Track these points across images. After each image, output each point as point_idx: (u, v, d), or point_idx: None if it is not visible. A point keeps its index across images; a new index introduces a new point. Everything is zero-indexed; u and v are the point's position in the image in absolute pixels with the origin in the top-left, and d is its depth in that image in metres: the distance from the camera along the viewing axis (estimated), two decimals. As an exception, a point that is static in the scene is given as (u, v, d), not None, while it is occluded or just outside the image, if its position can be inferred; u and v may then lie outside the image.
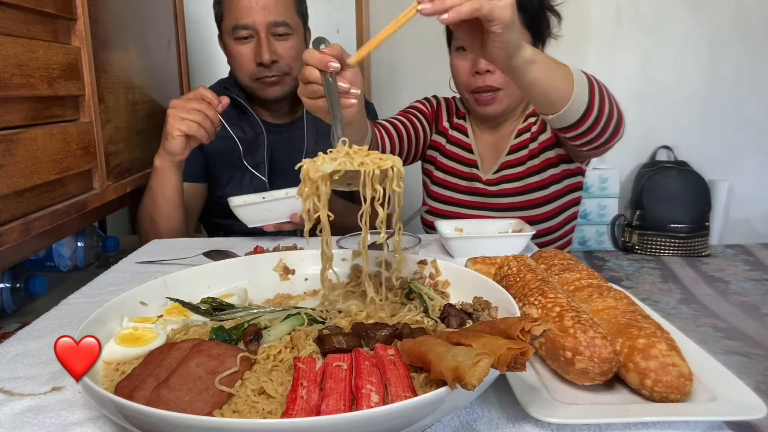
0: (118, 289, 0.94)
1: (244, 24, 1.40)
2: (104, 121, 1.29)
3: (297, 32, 1.46)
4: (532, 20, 1.30)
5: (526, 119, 1.41)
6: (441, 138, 1.50)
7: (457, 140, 1.48)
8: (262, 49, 1.41)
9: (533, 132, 1.39)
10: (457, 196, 1.46)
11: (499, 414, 0.59)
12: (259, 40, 1.41)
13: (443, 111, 1.52)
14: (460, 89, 1.40)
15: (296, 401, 0.51)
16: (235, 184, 1.50)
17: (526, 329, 0.51)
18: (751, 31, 2.83)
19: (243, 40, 1.42)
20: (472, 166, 1.45)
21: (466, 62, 1.33)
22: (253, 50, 1.43)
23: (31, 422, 0.58)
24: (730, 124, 2.95)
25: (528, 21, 1.28)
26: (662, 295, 2.51)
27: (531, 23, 1.29)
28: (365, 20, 2.53)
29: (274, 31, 1.42)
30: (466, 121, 1.49)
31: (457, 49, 1.34)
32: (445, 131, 1.50)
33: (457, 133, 1.49)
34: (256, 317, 0.71)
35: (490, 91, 1.33)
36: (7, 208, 0.94)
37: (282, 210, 1.26)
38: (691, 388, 0.58)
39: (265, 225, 1.28)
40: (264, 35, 1.41)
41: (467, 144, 1.47)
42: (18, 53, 0.96)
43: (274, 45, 1.43)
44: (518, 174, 1.39)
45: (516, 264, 0.81)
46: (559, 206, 1.40)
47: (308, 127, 1.53)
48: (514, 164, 1.40)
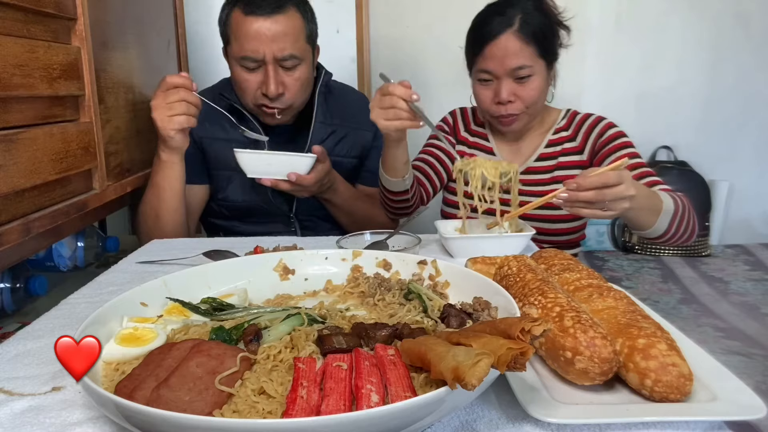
0: (118, 289, 0.94)
1: (252, 57, 1.35)
2: (104, 121, 1.29)
3: (305, 60, 1.42)
4: (545, 48, 1.32)
5: (557, 132, 1.45)
6: (462, 147, 1.53)
7: (478, 145, 1.52)
8: (269, 81, 1.36)
9: (566, 148, 1.43)
10: None
11: (499, 414, 0.59)
12: (266, 71, 1.37)
13: (459, 122, 1.56)
14: (483, 113, 1.45)
15: (296, 401, 0.51)
16: (236, 187, 1.50)
17: (526, 329, 0.51)
18: (751, 31, 2.83)
19: (250, 69, 1.38)
20: None
21: (489, 91, 1.36)
22: (260, 80, 1.39)
23: (31, 422, 0.58)
24: (730, 124, 2.94)
25: (541, 51, 1.31)
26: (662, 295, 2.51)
27: (544, 51, 1.32)
28: (365, 20, 2.53)
29: (283, 63, 1.37)
30: (485, 128, 1.53)
31: (479, 80, 1.37)
32: (464, 140, 1.54)
33: (477, 138, 1.53)
34: (256, 317, 0.71)
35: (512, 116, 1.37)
36: (7, 208, 0.94)
37: (281, 166, 1.32)
38: (691, 388, 0.58)
39: (263, 178, 1.33)
40: (272, 67, 1.36)
41: (488, 147, 1.51)
42: (18, 53, 0.96)
43: (282, 76, 1.38)
44: (544, 180, 1.43)
45: (516, 264, 0.81)
46: None
47: (315, 127, 1.52)
48: (540, 171, 1.44)
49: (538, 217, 1.38)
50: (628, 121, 2.80)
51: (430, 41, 2.60)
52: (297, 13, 1.38)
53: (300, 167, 1.32)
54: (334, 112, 1.55)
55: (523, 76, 1.31)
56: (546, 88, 1.37)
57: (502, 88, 1.32)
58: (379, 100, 1.18)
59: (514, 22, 1.29)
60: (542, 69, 1.33)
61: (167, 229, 1.37)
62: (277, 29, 1.33)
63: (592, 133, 1.39)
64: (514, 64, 1.29)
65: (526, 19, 1.28)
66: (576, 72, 2.76)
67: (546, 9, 1.33)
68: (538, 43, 1.30)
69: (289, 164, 1.31)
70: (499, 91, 1.33)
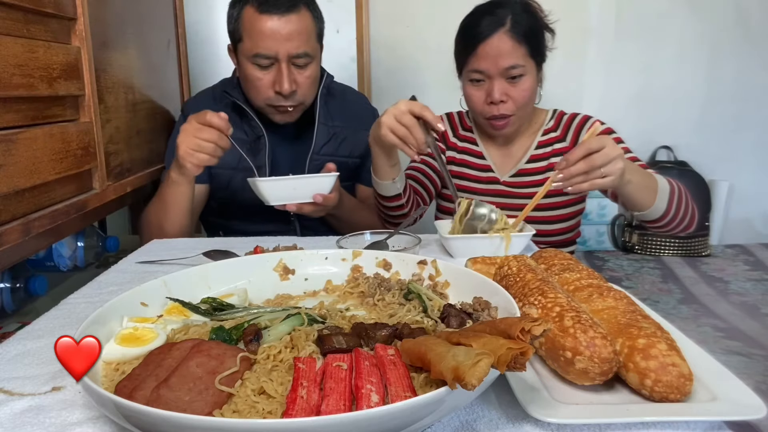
0: (118, 289, 0.94)
1: (267, 54, 1.36)
2: (104, 121, 1.29)
3: (316, 58, 1.44)
4: (535, 49, 1.33)
5: (545, 133, 1.46)
6: (452, 152, 1.53)
7: (467, 149, 1.52)
8: (283, 79, 1.38)
9: (556, 148, 1.44)
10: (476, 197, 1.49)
11: (499, 414, 0.59)
12: (279, 68, 1.38)
13: (447, 128, 1.56)
14: (475, 114, 1.45)
15: (296, 401, 0.51)
16: (237, 186, 1.50)
17: (526, 329, 0.51)
18: (751, 31, 2.82)
19: (263, 67, 1.39)
20: (487, 170, 1.49)
21: (481, 92, 1.37)
22: (273, 78, 1.39)
23: (31, 422, 0.58)
24: (730, 124, 2.94)
25: (532, 51, 1.32)
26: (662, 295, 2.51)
27: (534, 51, 1.33)
28: (365, 20, 2.53)
29: (295, 60, 1.39)
30: (473, 133, 1.53)
31: (471, 80, 1.37)
32: (453, 145, 1.54)
33: (466, 143, 1.53)
34: (256, 317, 0.71)
35: (504, 118, 1.37)
36: (7, 208, 0.94)
37: (306, 189, 1.26)
38: (691, 388, 0.58)
39: (287, 204, 1.27)
40: (285, 65, 1.38)
41: (478, 152, 1.51)
42: (18, 53, 0.96)
43: (294, 74, 1.40)
44: (538, 182, 1.43)
45: (516, 264, 0.81)
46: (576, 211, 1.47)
47: (318, 130, 1.53)
48: (532, 173, 1.44)
49: (534, 219, 1.38)
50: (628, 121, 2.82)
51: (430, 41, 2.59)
52: (308, 12, 1.40)
53: (324, 188, 1.28)
54: (334, 114, 1.55)
55: (515, 75, 1.32)
56: (536, 90, 1.38)
57: (494, 87, 1.32)
58: (401, 113, 1.15)
59: (505, 22, 1.30)
60: (533, 69, 1.34)
61: (170, 236, 1.37)
62: (292, 28, 1.35)
63: (582, 131, 1.41)
64: (507, 63, 1.30)
65: (516, 20, 1.30)
66: (576, 72, 2.76)
67: (533, 11, 1.34)
68: (528, 43, 1.31)
69: (314, 186, 1.27)
70: (491, 91, 1.33)
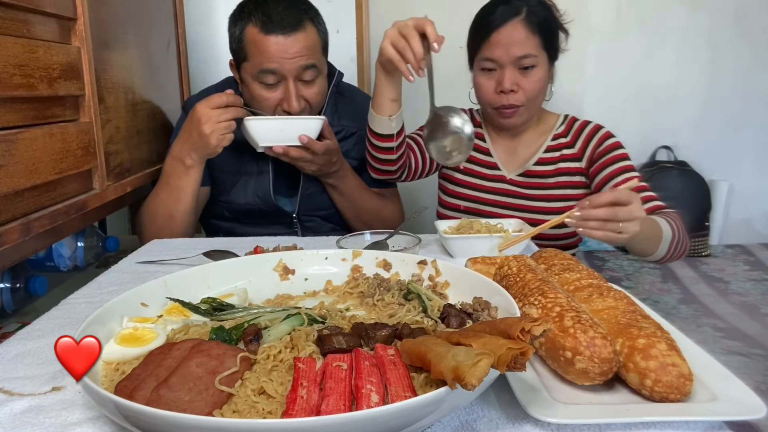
0: (118, 289, 0.94)
1: (272, 69, 1.34)
2: (104, 121, 1.29)
3: (322, 72, 1.43)
4: (549, 41, 1.34)
5: (555, 138, 1.45)
6: None
7: (474, 146, 1.51)
8: (291, 98, 1.37)
9: (564, 154, 1.43)
10: (481, 195, 1.49)
11: (499, 414, 0.59)
12: (287, 87, 1.37)
13: None
14: (484, 105, 1.44)
15: (296, 401, 0.51)
16: (239, 189, 1.50)
17: (526, 329, 0.51)
18: (751, 30, 2.82)
19: (270, 86, 1.37)
20: (493, 168, 1.49)
21: (491, 81, 1.37)
22: (280, 96, 1.38)
23: (31, 422, 0.58)
24: (730, 124, 2.94)
25: (545, 43, 1.33)
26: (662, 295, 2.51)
27: (547, 44, 1.34)
28: (365, 20, 2.53)
29: (302, 77, 1.37)
30: (482, 129, 1.53)
31: (482, 69, 1.37)
32: None
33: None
34: (256, 317, 0.71)
35: (513, 107, 1.36)
36: (7, 208, 0.94)
37: (293, 130, 1.31)
38: (691, 388, 0.58)
39: (274, 146, 1.32)
40: (292, 83, 1.36)
41: (485, 148, 1.51)
42: (18, 53, 0.96)
43: (302, 91, 1.39)
44: (545, 184, 1.44)
45: (516, 264, 0.81)
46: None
47: None
48: (540, 175, 1.44)
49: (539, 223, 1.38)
50: (628, 121, 2.82)
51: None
52: (313, 27, 1.39)
53: (310, 130, 1.32)
54: (342, 114, 1.55)
55: (527, 65, 1.32)
56: (546, 84, 1.38)
57: (505, 76, 1.33)
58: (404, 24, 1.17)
59: (521, 11, 1.31)
60: (545, 62, 1.34)
61: (179, 228, 1.38)
62: (298, 47, 1.34)
63: (591, 141, 1.40)
64: (520, 52, 1.30)
65: (532, 10, 1.31)
66: (576, 72, 2.76)
67: (549, 6, 1.35)
68: (542, 34, 1.31)
69: (300, 127, 1.32)
70: (502, 80, 1.33)
